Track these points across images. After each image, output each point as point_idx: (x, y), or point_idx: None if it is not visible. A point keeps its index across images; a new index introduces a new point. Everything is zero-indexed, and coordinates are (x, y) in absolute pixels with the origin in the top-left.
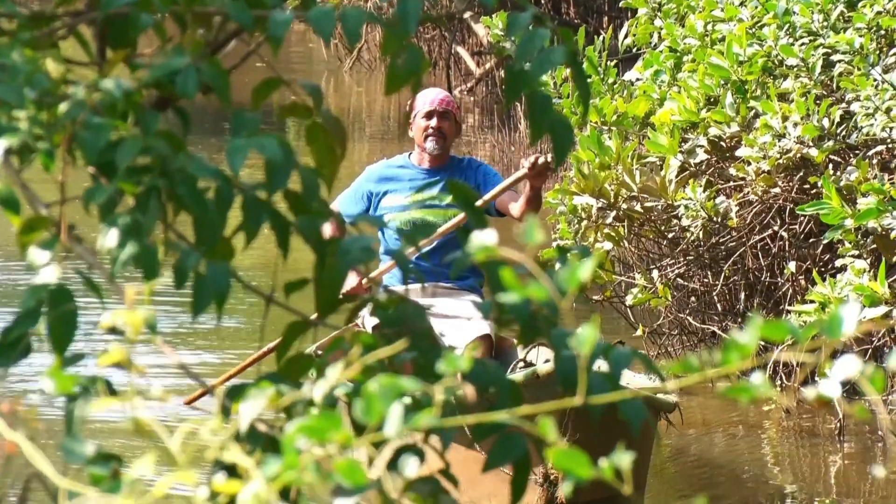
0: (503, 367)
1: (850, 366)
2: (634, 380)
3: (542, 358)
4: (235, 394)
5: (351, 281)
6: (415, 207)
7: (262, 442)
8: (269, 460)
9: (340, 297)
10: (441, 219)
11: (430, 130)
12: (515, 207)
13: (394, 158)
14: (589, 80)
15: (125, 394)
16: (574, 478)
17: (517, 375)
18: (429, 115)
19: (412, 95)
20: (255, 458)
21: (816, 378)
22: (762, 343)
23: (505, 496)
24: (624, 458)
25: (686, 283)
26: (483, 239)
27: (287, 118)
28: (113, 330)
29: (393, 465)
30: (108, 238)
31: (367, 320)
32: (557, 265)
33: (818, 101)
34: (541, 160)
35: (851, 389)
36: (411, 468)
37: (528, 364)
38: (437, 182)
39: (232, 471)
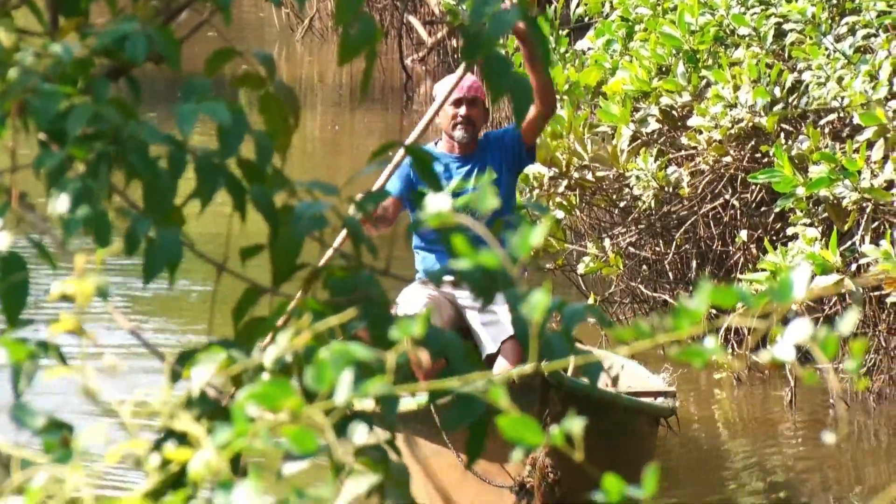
0: None
1: (802, 330)
2: (634, 385)
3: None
4: (186, 359)
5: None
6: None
7: (213, 408)
8: (220, 428)
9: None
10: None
11: (459, 119)
12: (535, 104)
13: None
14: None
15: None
16: (525, 446)
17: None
18: (457, 103)
19: (365, 64)
20: (206, 426)
21: (768, 345)
22: (713, 311)
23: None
24: (575, 424)
25: (637, 252)
26: (437, 205)
27: (239, 88)
28: (64, 298)
29: (343, 431)
30: (59, 203)
31: (403, 307)
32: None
33: (770, 66)
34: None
35: (803, 359)
36: (360, 435)
37: None
38: (470, 170)
39: (183, 438)
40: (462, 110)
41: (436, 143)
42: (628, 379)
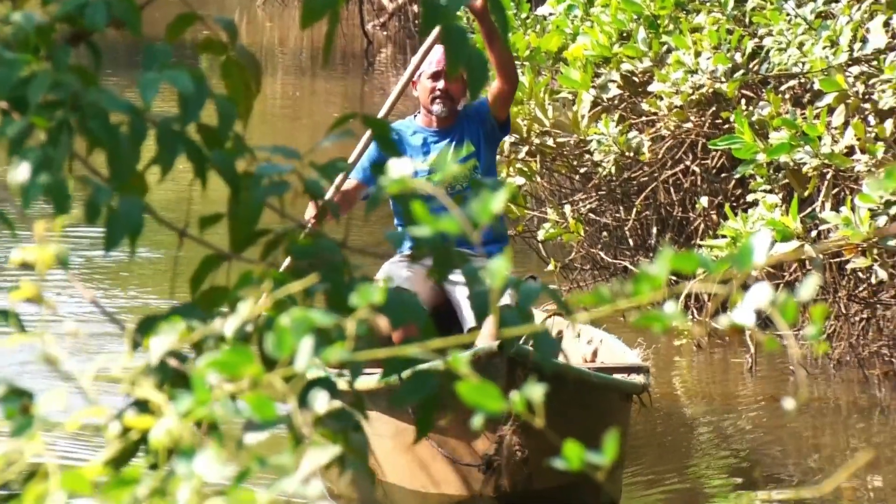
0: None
1: (762, 295)
2: (607, 360)
3: (555, 328)
4: (147, 327)
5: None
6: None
7: (174, 376)
8: (181, 396)
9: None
10: (462, 179)
11: (437, 92)
12: (495, 83)
13: (401, 122)
14: None
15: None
16: (484, 411)
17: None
18: (435, 76)
19: (327, 28)
20: (167, 394)
21: (728, 311)
22: (673, 277)
23: (454, 483)
24: (535, 391)
25: (598, 218)
26: (397, 171)
27: (200, 54)
28: (24, 265)
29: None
30: (19, 171)
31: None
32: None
33: (730, 32)
34: None
35: (764, 325)
36: (321, 402)
37: None
38: (448, 143)
39: (144, 406)
40: (440, 84)
41: (414, 117)
42: (604, 354)
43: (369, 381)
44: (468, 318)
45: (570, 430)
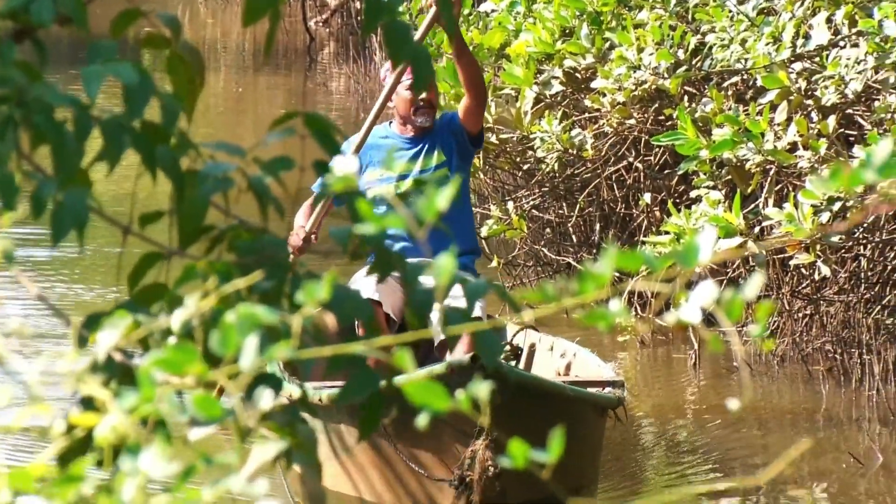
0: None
1: (707, 292)
2: (583, 373)
3: (528, 341)
4: (93, 323)
5: (293, 240)
6: (395, 181)
7: (120, 373)
8: (126, 393)
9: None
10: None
11: (421, 103)
12: (464, 98)
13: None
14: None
15: None
16: (431, 411)
17: (436, 368)
18: (411, 88)
19: (269, 25)
20: (113, 390)
21: (672, 308)
22: (617, 275)
23: (426, 499)
24: (482, 388)
25: (541, 215)
26: (342, 168)
27: (143, 50)
28: None
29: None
30: None
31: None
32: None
33: (673, 29)
34: None
35: (707, 321)
36: (266, 399)
37: (514, 347)
38: (418, 152)
39: (90, 403)
40: (423, 94)
41: (390, 124)
42: (578, 368)
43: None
44: (438, 332)
45: (541, 443)
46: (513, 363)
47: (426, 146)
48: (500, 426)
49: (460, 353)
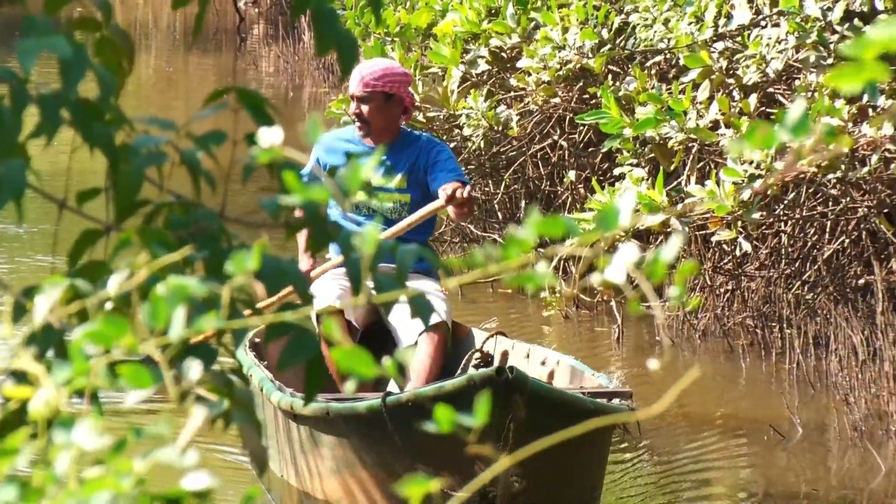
0: (459, 355)
1: (629, 253)
2: (586, 385)
3: (499, 348)
4: (30, 294)
5: (302, 266)
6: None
7: (57, 341)
8: (59, 365)
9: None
10: (384, 204)
11: (353, 116)
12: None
13: (342, 130)
14: None
15: None
16: (357, 377)
17: (456, 381)
18: (358, 100)
19: (199, 7)
20: (46, 364)
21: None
22: (541, 250)
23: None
24: (407, 354)
25: None
26: (268, 139)
27: (75, 32)
28: None
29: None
30: None
31: (319, 295)
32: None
33: (597, 8)
34: (459, 192)
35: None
36: (195, 372)
37: (485, 354)
38: (388, 162)
39: (23, 377)
40: (353, 107)
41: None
42: (561, 376)
43: (352, 405)
44: (403, 338)
45: (560, 456)
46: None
47: (393, 159)
48: (521, 440)
49: (423, 358)
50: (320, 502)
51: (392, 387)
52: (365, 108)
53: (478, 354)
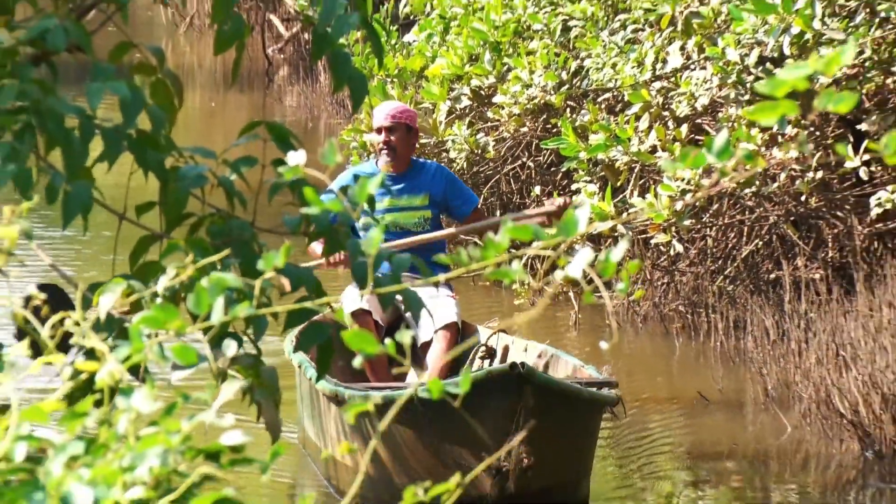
0: (468, 350)
1: (586, 255)
2: (576, 376)
3: (501, 343)
4: (95, 290)
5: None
6: (384, 212)
7: (117, 328)
8: (120, 345)
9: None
10: (410, 220)
11: (381, 145)
12: (465, 220)
13: (361, 165)
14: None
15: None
16: (365, 354)
17: (477, 374)
18: (378, 131)
19: (236, 54)
20: (110, 344)
21: (557, 273)
22: (514, 251)
23: (468, 486)
24: (405, 336)
25: None
26: (294, 160)
27: (134, 76)
28: None
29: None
30: None
31: (345, 303)
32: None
33: (558, 55)
34: (563, 202)
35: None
36: (231, 348)
37: (489, 349)
38: (409, 188)
39: (92, 354)
40: (382, 137)
41: (376, 162)
42: (557, 368)
43: (390, 393)
44: (421, 334)
45: (561, 439)
46: (487, 362)
47: (409, 184)
48: (529, 423)
49: (437, 352)
50: (353, 469)
51: (412, 377)
52: (393, 137)
53: (483, 349)
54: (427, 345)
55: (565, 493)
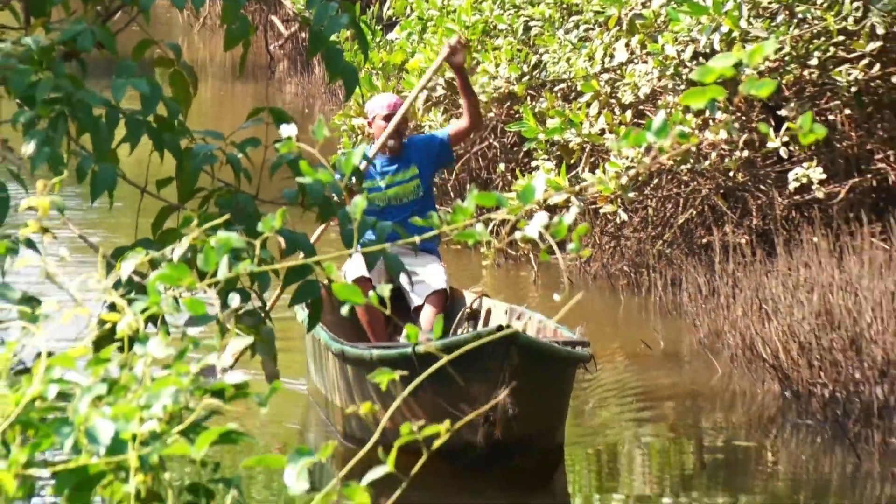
0: (454, 312)
1: (542, 219)
2: (552, 337)
3: (484, 306)
4: (118, 255)
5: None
6: (383, 190)
7: (137, 288)
8: (139, 299)
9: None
10: (407, 190)
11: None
12: (461, 118)
13: (364, 149)
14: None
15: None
16: (351, 302)
17: (464, 337)
18: (387, 119)
19: (242, 50)
20: (128, 299)
21: (519, 234)
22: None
23: (460, 430)
24: (384, 289)
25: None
26: (287, 132)
27: (156, 68)
28: (30, 209)
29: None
30: (30, 146)
31: (349, 272)
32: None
33: (520, 51)
34: (453, 40)
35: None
36: (235, 300)
37: (474, 311)
38: (397, 168)
39: (114, 307)
40: (384, 125)
41: (370, 146)
42: (535, 328)
43: (389, 352)
44: (413, 299)
45: (541, 393)
46: (472, 323)
47: (404, 163)
48: (514, 379)
49: (428, 315)
50: (358, 421)
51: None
52: (399, 124)
53: (468, 310)
54: (419, 308)
55: (544, 439)
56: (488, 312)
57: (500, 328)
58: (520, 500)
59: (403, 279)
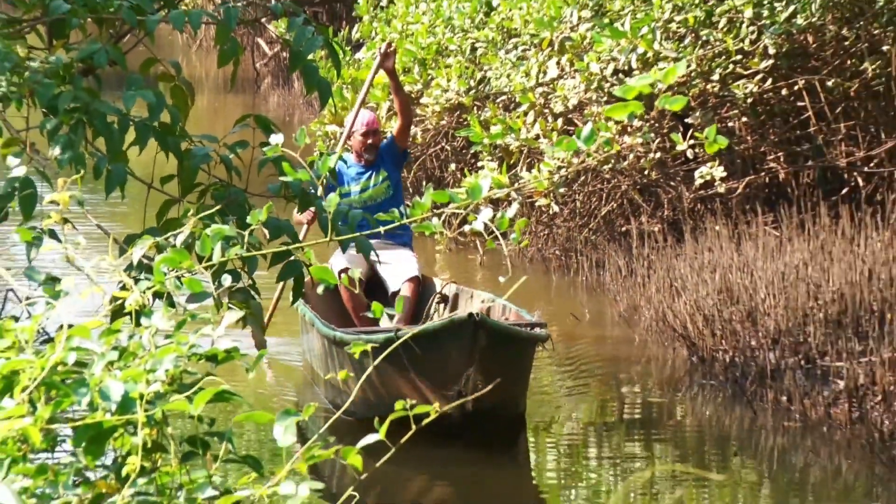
0: (426, 296)
1: (487, 213)
2: (513, 319)
3: (452, 291)
4: (129, 241)
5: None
6: (359, 193)
7: (145, 269)
8: (144, 279)
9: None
10: (380, 192)
11: (368, 146)
12: (397, 118)
13: (346, 157)
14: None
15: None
16: (325, 283)
17: (439, 321)
18: (365, 135)
19: (233, 67)
20: (136, 279)
21: (468, 225)
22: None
23: (434, 404)
24: (355, 272)
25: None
26: (275, 140)
27: (159, 82)
28: (54, 203)
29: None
30: (56, 149)
31: (334, 265)
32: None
33: (468, 68)
34: (383, 47)
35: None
36: (227, 280)
37: (443, 297)
38: (371, 174)
39: (123, 286)
40: (370, 140)
41: (354, 155)
42: (497, 312)
43: (374, 336)
44: (391, 284)
45: (503, 367)
46: (441, 306)
47: (375, 169)
48: (482, 358)
49: (404, 296)
50: (348, 395)
51: (384, 322)
52: (374, 139)
53: (438, 296)
54: (395, 294)
55: (509, 409)
56: (455, 297)
57: (470, 315)
58: (489, 461)
59: (380, 268)
